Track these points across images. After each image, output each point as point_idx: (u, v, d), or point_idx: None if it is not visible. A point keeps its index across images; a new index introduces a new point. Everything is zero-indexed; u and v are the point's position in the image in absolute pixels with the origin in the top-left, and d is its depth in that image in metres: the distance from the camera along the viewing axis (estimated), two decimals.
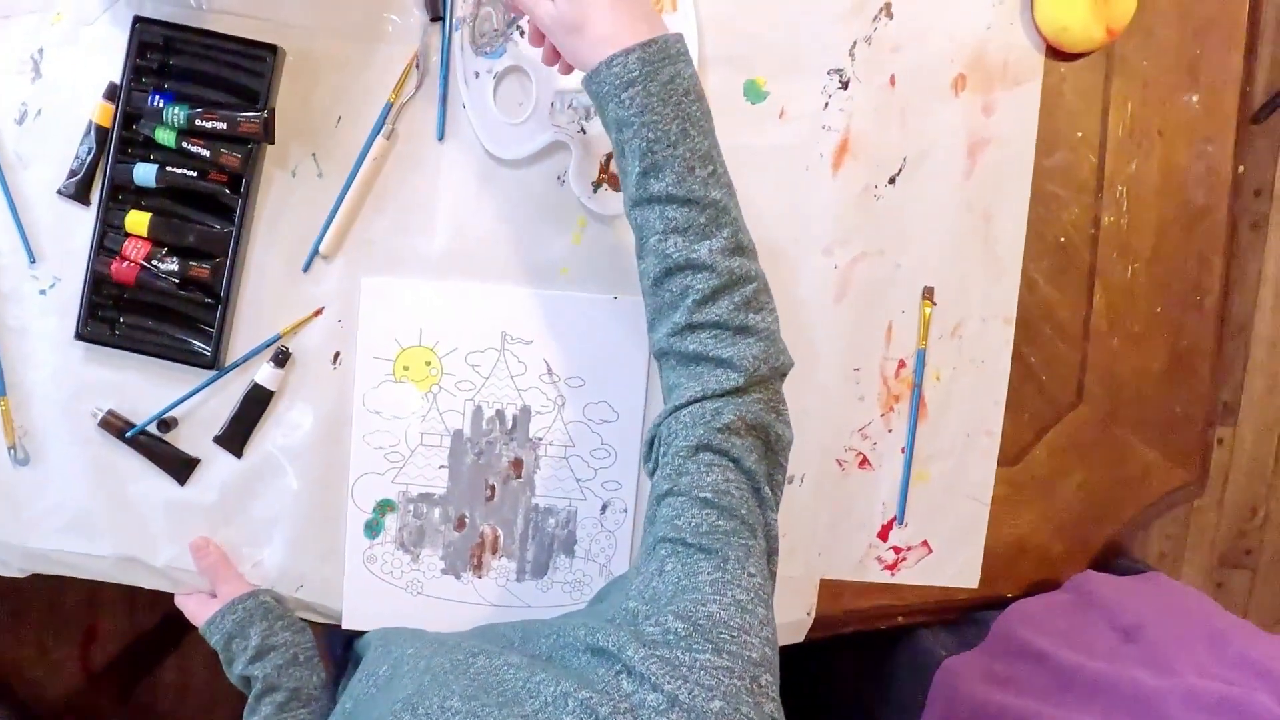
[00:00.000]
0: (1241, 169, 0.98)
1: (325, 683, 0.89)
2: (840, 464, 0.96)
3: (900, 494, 0.96)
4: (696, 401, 0.69)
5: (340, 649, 1.00)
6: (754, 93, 0.92)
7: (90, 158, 0.88)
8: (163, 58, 0.87)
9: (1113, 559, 1.01)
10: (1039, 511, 0.99)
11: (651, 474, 0.72)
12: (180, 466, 0.92)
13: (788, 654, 0.96)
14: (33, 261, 0.89)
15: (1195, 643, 0.82)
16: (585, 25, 0.71)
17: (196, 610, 0.91)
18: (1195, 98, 0.96)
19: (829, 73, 0.92)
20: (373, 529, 0.93)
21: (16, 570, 0.94)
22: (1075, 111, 0.95)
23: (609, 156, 0.91)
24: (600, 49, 0.70)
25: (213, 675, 0.89)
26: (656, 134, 0.69)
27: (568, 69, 0.79)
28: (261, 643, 0.86)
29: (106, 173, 0.87)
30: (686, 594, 0.61)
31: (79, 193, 0.88)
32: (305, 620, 0.93)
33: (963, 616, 0.99)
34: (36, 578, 0.96)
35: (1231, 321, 1.75)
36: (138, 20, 0.86)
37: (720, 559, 0.63)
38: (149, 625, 1.57)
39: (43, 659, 1.58)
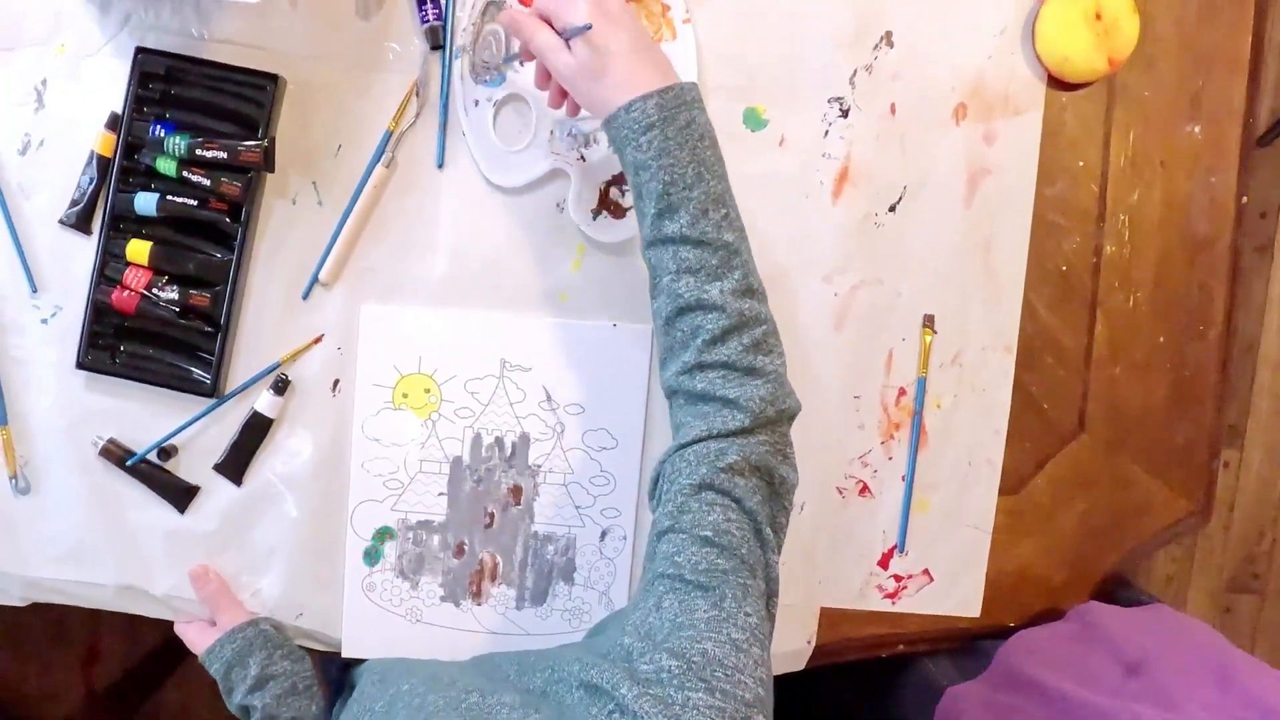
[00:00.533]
0: (1245, 200, 0.97)
1: (323, 710, 0.89)
2: (840, 492, 0.96)
3: (901, 522, 0.96)
4: (702, 440, 0.69)
5: (336, 670, 1.00)
6: (754, 120, 0.92)
7: (92, 187, 0.88)
8: (164, 88, 0.87)
9: (1115, 589, 1.00)
10: (1040, 541, 0.98)
11: (654, 510, 0.72)
12: (180, 494, 0.92)
13: (788, 682, 0.96)
14: (34, 291, 0.90)
15: (1201, 678, 0.81)
16: (604, 73, 0.73)
17: (196, 639, 0.91)
18: (1197, 128, 0.96)
19: (829, 101, 0.92)
20: (372, 556, 0.93)
21: (18, 599, 0.94)
22: (1077, 141, 0.95)
23: (608, 184, 0.91)
24: (618, 95, 0.72)
25: (214, 696, 0.89)
26: (673, 177, 0.71)
27: (574, 110, 0.81)
28: (261, 672, 0.86)
29: (108, 202, 0.87)
30: (682, 631, 0.61)
31: (80, 222, 0.89)
32: (303, 647, 0.93)
33: (964, 646, 0.99)
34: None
35: (1237, 344, 1.74)
36: (140, 51, 0.86)
37: (717, 597, 0.63)
38: (151, 646, 1.57)
39: (45, 678, 1.58)
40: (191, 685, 0.90)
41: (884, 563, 0.97)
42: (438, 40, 0.89)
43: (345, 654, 0.94)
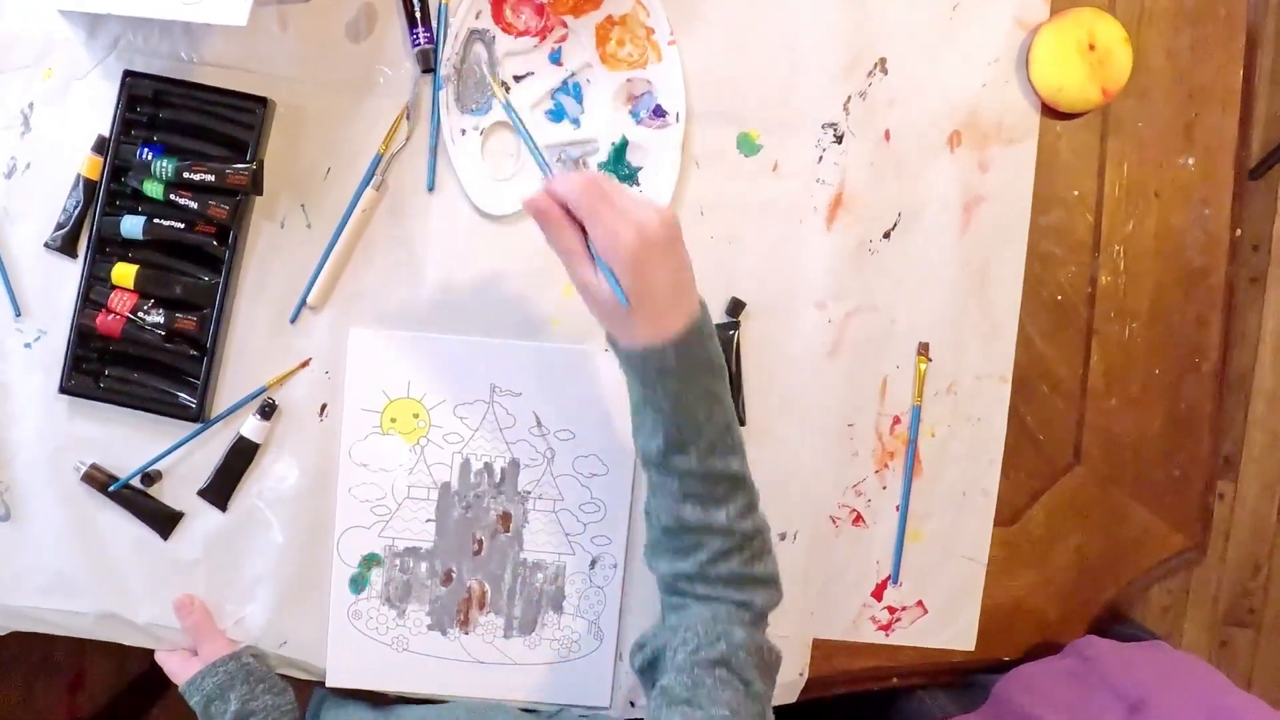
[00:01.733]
0: (1239, 232, 0.97)
1: None
2: (834, 520, 0.94)
3: (895, 552, 0.95)
4: (707, 624, 0.72)
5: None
6: (747, 145, 0.91)
7: (78, 211, 0.87)
8: (152, 111, 0.87)
9: (1112, 624, 0.99)
10: (1036, 574, 0.97)
11: (641, 671, 0.76)
12: (164, 521, 0.90)
13: (779, 713, 0.94)
14: (18, 315, 0.89)
15: (1202, 715, 0.80)
16: (629, 316, 0.69)
17: (177, 669, 0.89)
18: (1191, 160, 0.95)
19: (823, 126, 0.92)
20: (358, 584, 0.92)
21: None
22: (1072, 170, 0.95)
23: None
24: (639, 336, 0.69)
25: None
26: (684, 419, 0.71)
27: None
28: (241, 708, 0.85)
29: (94, 225, 0.87)
30: None
31: (66, 246, 0.88)
32: (288, 678, 0.91)
33: (960, 679, 0.97)
34: None
35: (1231, 376, 1.74)
36: (128, 74, 0.86)
37: None
38: (137, 673, 1.55)
39: (28, 705, 1.55)
40: (175, 709, 0.88)
41: (878, 594, 0.96)
42: (429, 63, 0.88)
43: (329, 684, 0.92)
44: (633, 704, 0.94)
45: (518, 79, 0.90)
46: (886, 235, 0.93)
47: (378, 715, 0.92)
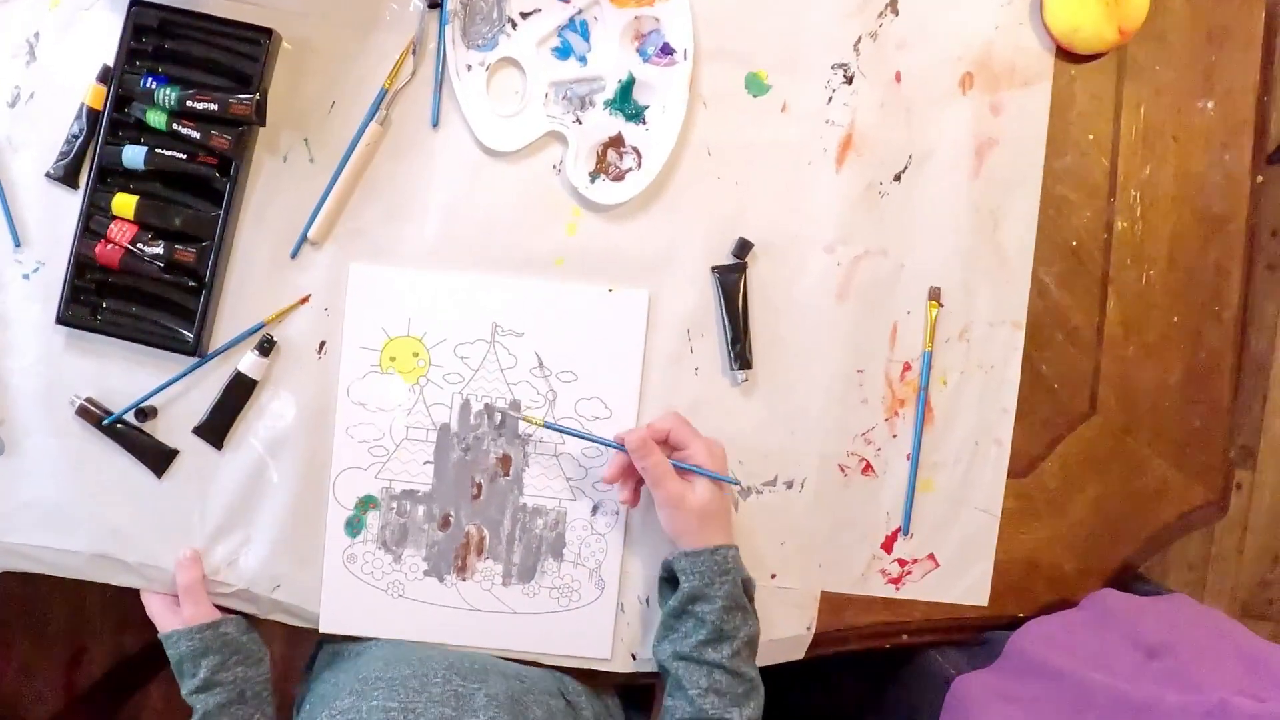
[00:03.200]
0: (1260, 179, 0.95)
1: (272, 718, 0.87)
2: (843, 470, 0.92)
3: (905, 503, 0.92)
4: None
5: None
6: (756, 86, 0.90)
7: (80, 140, 0.87)
8: (157, 41, 0.86)
9: (1131, 582, 0.96)
10: (1051, 527, 0.94)
11: None
12: (159, 458, 0.89)
13: (787, 671, 0.92)
14: (17, 245, 0.88)
15: (1225, 661, 0.77)
16: (714, 517, 0.85)
17: (159, 612, 0.88)
18: (1210, 104, 0.94)
19: (833, 67, 0.90)
20: (354, 527, 0.90)
21: None
22: (1086, 114, 0.93)
23: (605, 146, 0.89)
24: (714, 537, 0.84)
25: None
26: (728, 617, 0.82)
27: (635, 501, 0.89)
28: (210, 676, 0.84)
29: (95, 155, 0.86)
30: None
31: (68, 175, 0.87)
32: (267, 651, 0.90)
33: (972, 636, 0.94)
34: (24, 595, 0.93)
35: (1248, 364, 1.70)
36: (134, 3, 0.85)
37: None
38: (135, 648, 1.52)
39: (27, 681, 1.53)
40: (175, 688, 0.87)
41: (888, 546, 0.93)
42: None
43: (323, 629, 0.90)
44: (634, 656, 0.92)
45: (524, 15, 0.89)
46: (897, 178, 0.91)
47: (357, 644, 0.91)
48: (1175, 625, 0.83)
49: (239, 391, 0.88)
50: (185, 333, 0.87)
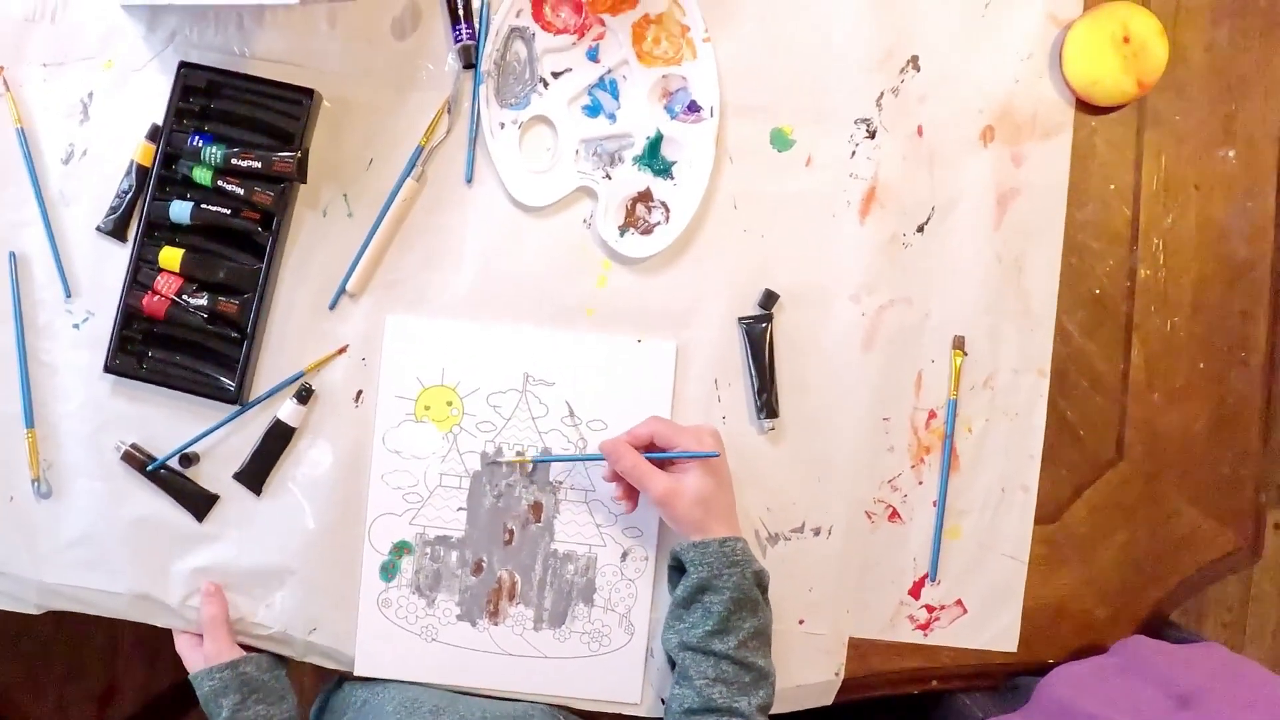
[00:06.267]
0: None
1: None
2: (869, 516, 0.93)
3: (933, 549, 0.93)
4: None
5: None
6: (781, 140, 0.92)
7: (130, 195, 0.90)
8: (205, 101, 0.90)
9: (1162, 629, 0.96)
10: (1079, 573, 0.94)
11: None
12: (199, 503, 0.91)
13: (814, 716, 0.92)
14: (68, 296, 0.91)
15: (1258, 711, 0.76)
16: (714, 503, 0.84)
17: (185, 651, 0.91)
18: (1232, 153, 0.95)
19: (856, 122, 0.92)
20: (388, 571, 0.92)
21: (33, 606, 0.93)
22: (1107, 164, 0.95)
23: (634, 200, 0.92)
24: (717, 527, 0.84)
25: None
26: (734, 609, 0.82)
27: (631, 506, 0.89)
28: (230, 716, 0.85)
29: (144, 210, 0.89)
30: None
31: (117, 229, 0.90)
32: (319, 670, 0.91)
33: (1003, 683, 0.94)
34: (61, 629, 0.95)
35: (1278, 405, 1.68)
36: (183, 65, 0.89)
37: None
38: (167, 685, 1.54)
39: (60, 715, 1.55)
40: None
41: (915, 592, 0.93)
42: (470, 59, 0.90)
43: (357, 672, 0.92)
44: (663, 701, 0.93)
45: (556, 75, 0.92)
46: (920, 229, 0.93)
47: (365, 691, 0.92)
48: (1207, 674, 0.83)
49: (278, 439, 0.91)
50: (227, 381, 0.90)
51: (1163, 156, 0.94)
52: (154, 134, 0.90)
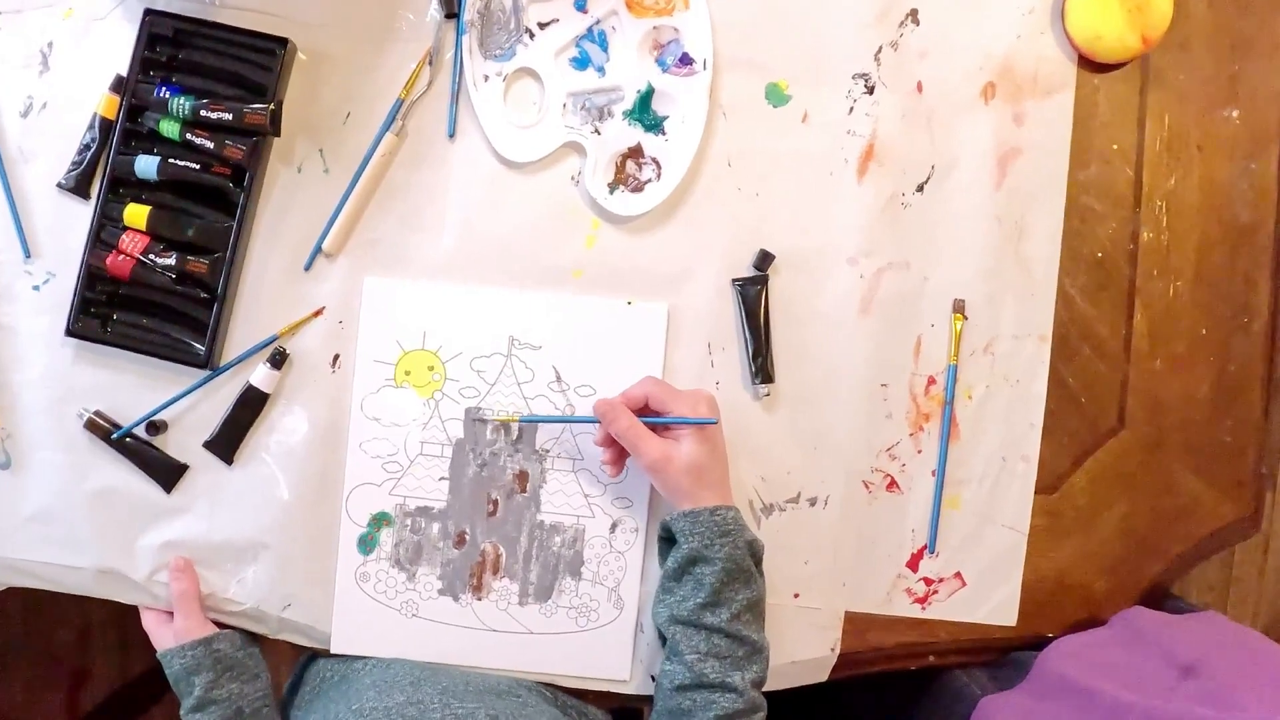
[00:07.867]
0: None
1: None
2: (867, 486, 0.90)
3: (931, 521, 0.90)
4: None
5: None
6: (776, 96, 0.89)
7: (93, 150, 0.85)
8: (171, 51, 0.85)
9: (1162, 600, 0.94)
10: (1080, 545, 0.92)
11: None
12: (167, 473, 0.87)
13: (808, 693, 0.89)
14: (27, 256, 0.87)
15: (1263, 679, 0.75)
16: (706, 472, 0.81)
17: (154, 627, 0.87)
18: (1235, 113, 0.92)
19: (854, 77, 0.89)
20: (367, 544, 0.88)
21: None
22: (1110, 124, 0.92)
23: (624, 157, 0.88)
24: (708, 496, 0.81)
25: None
26: (727, 580, 0.79)
27: (618, 471, 0.86)
28: (204, 694, 0.82)
29: (108, 165, 0.85)
30: None
31: (80, 186, 0.86)
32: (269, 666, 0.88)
33: (1002, 657, 0.92)
34: (28, 616, 0.91)
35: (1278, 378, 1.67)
36: (149, 13, 0.84)
37: None
38: (139, 670, 1.50)
39: (31, 703, 1.51)
40: (177, 706, 0.85)
41: (913, 564, 0.91)
42: (452, 9, 0.86)
43: (334, 650, 0.88)
44: (653, 679, 0.90)
45: (542, 25, 0.88)
46: (919, 188, 0.90)
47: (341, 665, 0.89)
48: (1210, 644, 0.81)
49: (250, 405, 0.87)
50: (197, 345, 0.85)
51: (1166, 116, 0.92)
52: (118, 85, 0.85)
